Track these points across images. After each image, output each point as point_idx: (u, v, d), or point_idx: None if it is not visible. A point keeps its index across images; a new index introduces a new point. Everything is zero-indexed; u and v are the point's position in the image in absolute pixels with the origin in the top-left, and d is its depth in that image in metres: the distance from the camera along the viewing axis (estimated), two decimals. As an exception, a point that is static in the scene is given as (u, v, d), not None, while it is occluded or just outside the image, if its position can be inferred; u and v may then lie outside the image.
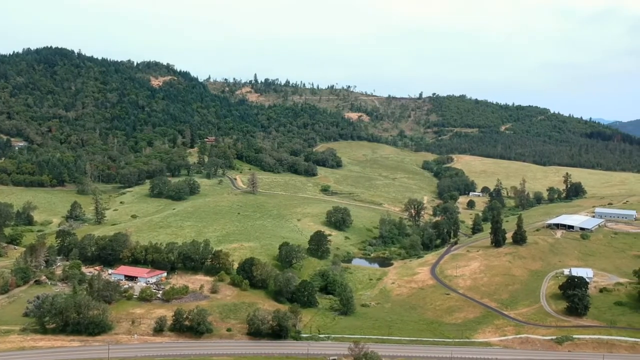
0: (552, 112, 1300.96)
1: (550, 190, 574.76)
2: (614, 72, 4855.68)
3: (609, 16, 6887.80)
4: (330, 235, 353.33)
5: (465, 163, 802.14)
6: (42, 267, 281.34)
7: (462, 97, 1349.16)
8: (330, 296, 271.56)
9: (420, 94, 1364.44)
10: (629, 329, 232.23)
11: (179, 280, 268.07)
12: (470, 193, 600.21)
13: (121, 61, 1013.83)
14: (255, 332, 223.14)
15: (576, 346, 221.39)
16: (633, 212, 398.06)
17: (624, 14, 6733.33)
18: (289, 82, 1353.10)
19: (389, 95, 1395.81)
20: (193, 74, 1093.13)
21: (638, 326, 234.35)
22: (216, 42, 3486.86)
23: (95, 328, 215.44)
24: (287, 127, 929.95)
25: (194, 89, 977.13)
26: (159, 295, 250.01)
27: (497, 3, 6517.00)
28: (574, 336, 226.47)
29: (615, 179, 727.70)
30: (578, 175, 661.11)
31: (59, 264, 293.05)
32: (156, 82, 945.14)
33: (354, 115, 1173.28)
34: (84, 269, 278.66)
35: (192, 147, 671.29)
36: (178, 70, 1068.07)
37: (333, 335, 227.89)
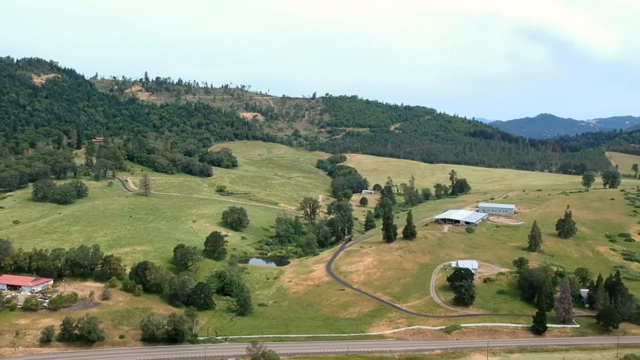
0: (438, 112, 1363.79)
1: (438, 186, 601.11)
2: (493, 74, 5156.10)
3: (490, 22, 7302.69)
4: (226, 235, 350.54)
5: (358, 162, 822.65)
6: None
7: (354, 97, 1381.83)
8: (228, 297, 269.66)
9: (314, 94, 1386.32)
10: (510, 316, 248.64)
11: (67, 288, 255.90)
12: (363, 191, 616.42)
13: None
14: (150, 338, 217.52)
15: (464, 334, 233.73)
16: (512, 206, 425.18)
17: (503, 20, 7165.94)
18: (181, 81, 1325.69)
19: (284, 95, 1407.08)
20: (79, 71, 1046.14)
21: (518, 312, 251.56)
22: (104, 39, 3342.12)
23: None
24: (180, 127, 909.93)
25: (80, 87, 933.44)
26: (45, 304, 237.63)
27: (385, 7, 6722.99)
28: (462, 325, 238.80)
29: (497, 175, 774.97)
30: (463, 172, 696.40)
31: None
32: (39, 80, 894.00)
33: (249, 115, 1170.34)
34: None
35: (78, 147, 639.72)
36: (62, 67, 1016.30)
37: (231, 337, 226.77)
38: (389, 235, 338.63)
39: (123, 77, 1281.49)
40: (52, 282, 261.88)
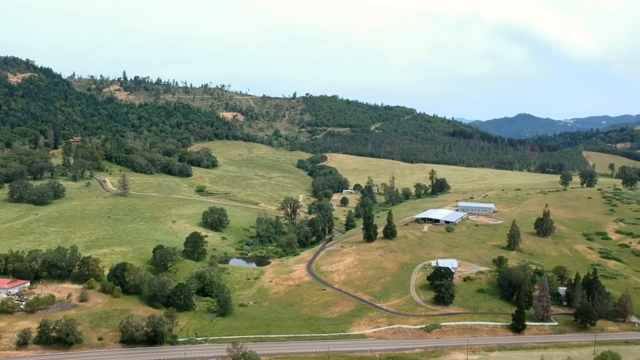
0: (418, 112, 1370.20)
1: (418, 186, 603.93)
2: (473, 75, 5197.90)
3: (470, 22, 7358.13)
4: (206, 236, 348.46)
5: (338, 161, 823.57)
6: None
7: (335, 97, 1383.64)
8: (208, 298, 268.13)
9: (294, 94, 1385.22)
10: (490, 314, 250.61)
11: (44, 290, 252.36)
12: (344, 190, 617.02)
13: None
14: (129, 340, 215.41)
15: (444, 333, 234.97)
16: (491, 206, 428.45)
17: (483, 21, 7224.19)
18: (160, 81, 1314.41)
19: (264, 95, 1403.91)
20: (56, 70, 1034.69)
21: (497, 311, 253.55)
22: (81, 37, 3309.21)
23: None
24: (159, 126, 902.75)
25: (57, 87, 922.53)
26: (22, 307, 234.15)
27: (367, 8, 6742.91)
28: (442, 324, 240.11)
29: (476, 174, 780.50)
30: (442, 171, 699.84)
31: None
32: (14, 79, 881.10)
33: (229, 115, 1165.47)
34: None
35: (55, 147, 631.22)
36: (39, 66, 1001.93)
37: (211, 338, 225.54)
38: (370, 235, 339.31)
39: (101, 76, 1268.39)
40: (28, 284, 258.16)
